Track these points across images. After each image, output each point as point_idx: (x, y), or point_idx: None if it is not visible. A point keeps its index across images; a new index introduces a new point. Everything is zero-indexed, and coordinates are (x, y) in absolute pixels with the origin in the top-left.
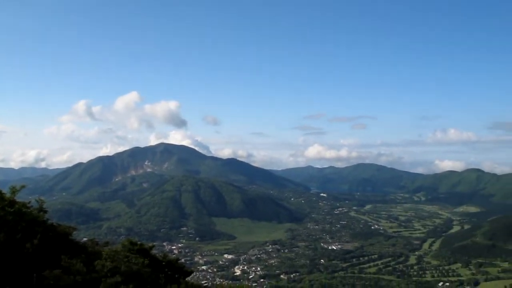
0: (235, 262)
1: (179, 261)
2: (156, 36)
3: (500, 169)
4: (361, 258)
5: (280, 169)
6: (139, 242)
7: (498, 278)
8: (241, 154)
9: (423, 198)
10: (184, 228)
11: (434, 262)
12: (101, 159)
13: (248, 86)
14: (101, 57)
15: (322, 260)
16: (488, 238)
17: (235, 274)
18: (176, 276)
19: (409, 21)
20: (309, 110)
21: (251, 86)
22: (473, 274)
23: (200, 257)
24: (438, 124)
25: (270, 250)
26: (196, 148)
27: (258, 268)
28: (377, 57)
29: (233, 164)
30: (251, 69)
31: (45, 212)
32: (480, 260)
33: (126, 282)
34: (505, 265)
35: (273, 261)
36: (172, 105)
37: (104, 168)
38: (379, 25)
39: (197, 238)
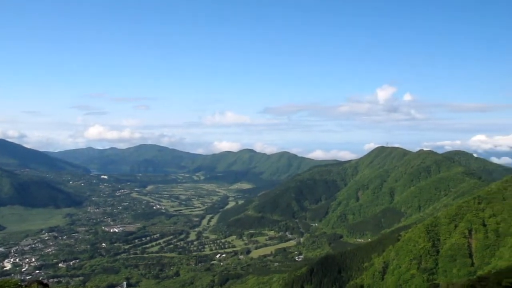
0: (4, 256)
1: None
2: None
3: (269, 149)
4: (143, 239)
5: (57, 150)
6: None
7: (266, 245)
8: (12, 134)
9: (202, 177)
10: None
11: (212, 236)
12: None
13: (20, 58)
14: None
15: (103, 244)
16: (258, 211)
17: (5, 268)
18: None
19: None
20: (89, 89)
21: (24, 59)
22: (245, 244)
23: None
24: (217, 107)
25: (46, 238)
26: None
27: (33, 259)
28: (159, 41)
29: (1, 145)
30: (23, 39)
31: None
32: (251, 231)
33: None
34: (271, 233)
35: (50, 249)
36: None
37: None
38: (153, 13)
39: None
